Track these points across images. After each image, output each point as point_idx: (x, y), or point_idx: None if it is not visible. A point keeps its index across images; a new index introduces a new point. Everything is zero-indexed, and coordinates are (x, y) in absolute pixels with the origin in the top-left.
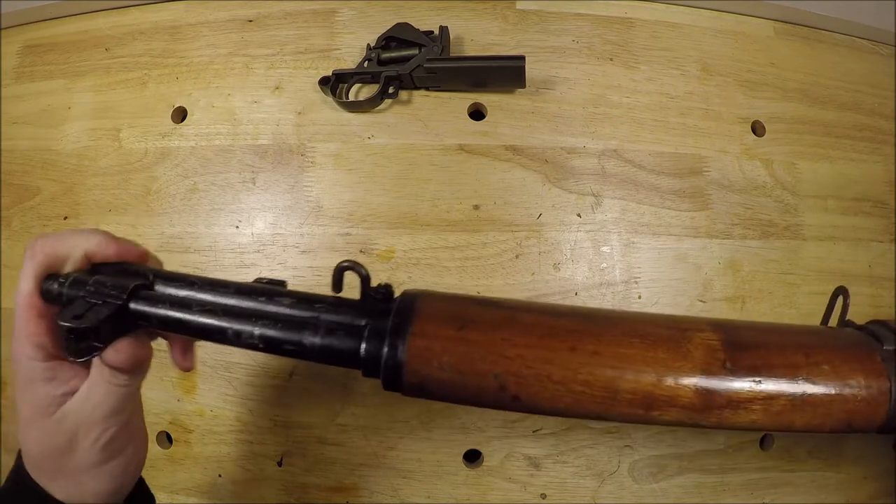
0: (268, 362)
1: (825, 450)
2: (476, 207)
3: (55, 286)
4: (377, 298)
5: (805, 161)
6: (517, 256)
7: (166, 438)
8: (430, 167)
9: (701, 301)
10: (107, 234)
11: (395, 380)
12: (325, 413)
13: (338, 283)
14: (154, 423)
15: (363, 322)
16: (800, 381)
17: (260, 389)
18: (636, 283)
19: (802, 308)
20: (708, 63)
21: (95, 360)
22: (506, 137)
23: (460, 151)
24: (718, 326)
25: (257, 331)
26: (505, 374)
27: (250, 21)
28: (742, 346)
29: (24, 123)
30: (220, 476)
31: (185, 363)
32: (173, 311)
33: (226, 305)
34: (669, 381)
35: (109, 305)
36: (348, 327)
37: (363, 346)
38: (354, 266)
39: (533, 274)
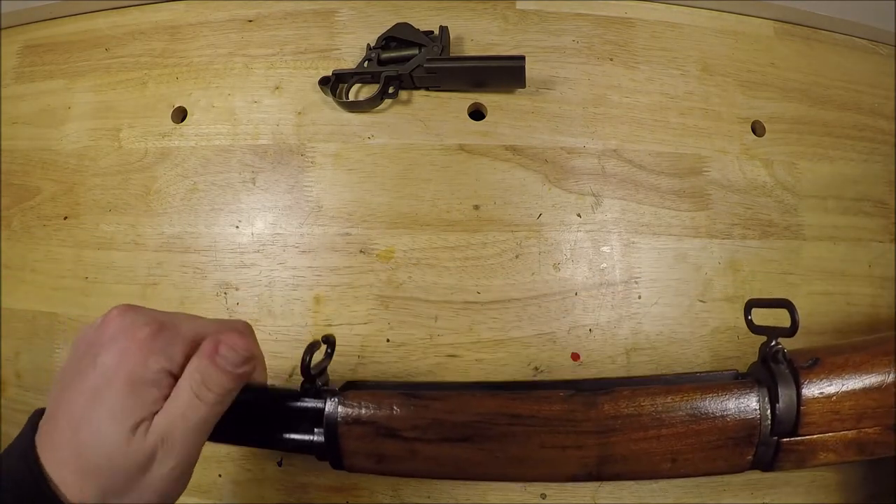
0: (267, 363)
1: None
2: (476, 207)
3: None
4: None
5: (805, 161)
6: (517, 256)
7: None
8: (430, 167)
9: (701, 301)
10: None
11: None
12: None
13: (306, 367)
14: None
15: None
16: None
17: None
18: (636, 283)
19: (803, 308)
20: (708, 63)
21: (186, 378)
22: (506, 137)
23: (460, 151)
24: (601, 450)
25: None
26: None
27: (250, 21)
28: (613, 459)
29: (24, 123)
30: (220, 476)
31: None
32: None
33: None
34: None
35: None
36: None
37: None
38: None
39: (533, 274)
